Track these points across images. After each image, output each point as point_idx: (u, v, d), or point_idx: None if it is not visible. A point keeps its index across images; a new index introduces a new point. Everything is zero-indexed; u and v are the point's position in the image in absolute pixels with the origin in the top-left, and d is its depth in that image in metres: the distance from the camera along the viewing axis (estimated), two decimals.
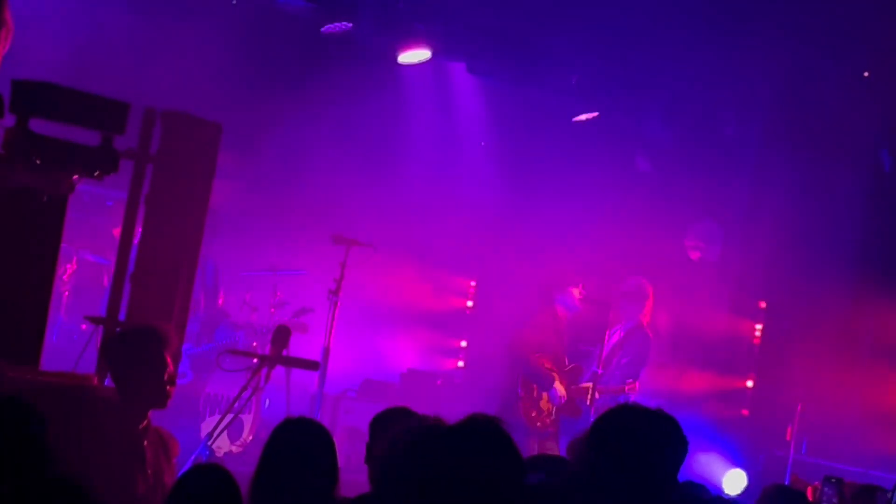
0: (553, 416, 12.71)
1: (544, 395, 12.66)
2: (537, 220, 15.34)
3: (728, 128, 15.76)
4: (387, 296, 15.03)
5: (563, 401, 12.66)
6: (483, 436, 3.92)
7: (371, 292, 14.40)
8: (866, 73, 14.78)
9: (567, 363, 12.88)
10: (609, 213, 15.26)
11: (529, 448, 11.84)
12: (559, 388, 12.62)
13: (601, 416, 5.00)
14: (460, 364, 16.54)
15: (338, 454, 5.82)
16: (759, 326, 15.82)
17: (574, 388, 12.78)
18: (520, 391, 12.61)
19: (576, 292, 12.91)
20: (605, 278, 14.31)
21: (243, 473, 5.70)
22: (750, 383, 15.67)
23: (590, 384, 12.94)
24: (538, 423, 12.64)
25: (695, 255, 15.96)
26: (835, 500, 8.38)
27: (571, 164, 15.60)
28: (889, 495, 8.34)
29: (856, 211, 15.37)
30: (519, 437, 3.92)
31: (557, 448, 12.55)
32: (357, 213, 13.99)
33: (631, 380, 13.19)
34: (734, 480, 13.82)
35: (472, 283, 16.34)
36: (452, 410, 4.50)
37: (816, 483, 8.91)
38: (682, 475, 5.16)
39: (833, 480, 8.59)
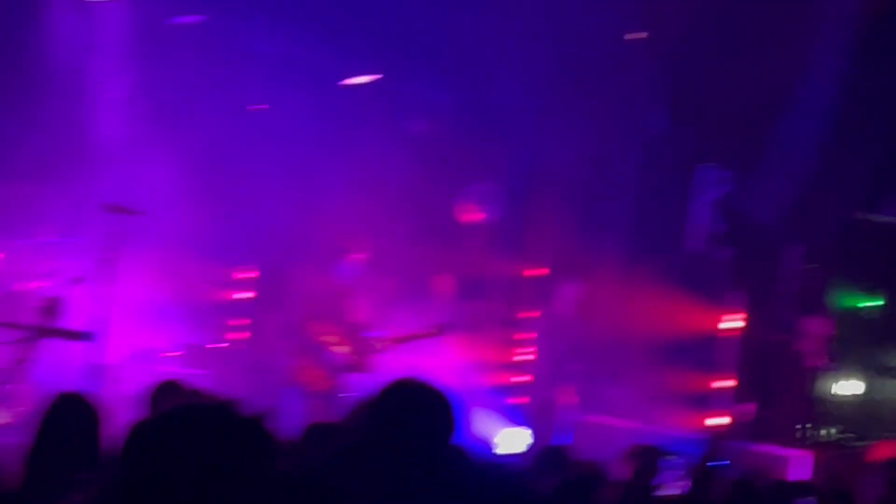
0: (334, 376, 12.66)
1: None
2: (306, 185, 15.11)
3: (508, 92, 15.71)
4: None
5: (347, 359, 12.63)
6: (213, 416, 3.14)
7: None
8: (627, 37, 15.01)
9: (350, 321, 12.80)
10: (382, 177, 15.03)
11: (317, 412, 11.68)
12: (339, 349, 12.58)
13: (385, 387, 4.91)
14: None
15: (113, 424, 5.73)
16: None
17: (361, 344, 12.72)
18: (297, 360, 12.53)
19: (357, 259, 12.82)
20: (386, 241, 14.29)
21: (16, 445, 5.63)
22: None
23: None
24: (322, 387, 12.59)
25: (467, 218, 15.85)
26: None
27: (341, 128, 15.33)
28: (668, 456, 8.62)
29: (629, 175, 15.62)
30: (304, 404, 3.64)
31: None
32: None
33: None
34: (511, 439, 13.88)
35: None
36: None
37: None
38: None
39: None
